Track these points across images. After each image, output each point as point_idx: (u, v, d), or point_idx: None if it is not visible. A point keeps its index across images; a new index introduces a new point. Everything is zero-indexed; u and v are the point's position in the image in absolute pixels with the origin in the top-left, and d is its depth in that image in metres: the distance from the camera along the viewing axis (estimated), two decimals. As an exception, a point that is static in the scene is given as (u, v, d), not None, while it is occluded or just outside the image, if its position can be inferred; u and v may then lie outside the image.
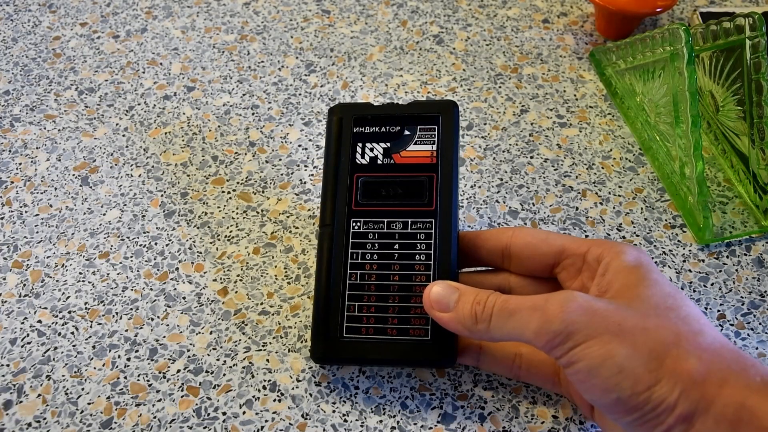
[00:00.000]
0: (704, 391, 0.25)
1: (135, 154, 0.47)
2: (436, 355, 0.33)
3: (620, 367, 0.26)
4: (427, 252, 0.35)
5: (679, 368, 0.26)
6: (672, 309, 0.28)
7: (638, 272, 0.29)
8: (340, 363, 0.36)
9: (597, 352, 0.26)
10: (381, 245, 0.35)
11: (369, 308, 0.34)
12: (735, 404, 0.25)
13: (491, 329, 0.30)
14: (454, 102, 0.38)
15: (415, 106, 0.38)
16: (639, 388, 0.26)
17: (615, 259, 0.30)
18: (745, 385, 0.25)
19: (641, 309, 0.28)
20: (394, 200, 0.36)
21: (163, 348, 0.38)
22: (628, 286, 0.29)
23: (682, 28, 0.40)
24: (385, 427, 0.35)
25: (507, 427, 0.35)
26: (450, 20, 0.57)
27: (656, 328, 0.27)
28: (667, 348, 0.26)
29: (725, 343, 0.27)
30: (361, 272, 0.35)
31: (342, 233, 0.36)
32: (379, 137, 0.38)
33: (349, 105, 0.40)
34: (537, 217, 0.44)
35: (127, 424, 0.35)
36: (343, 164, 0.37)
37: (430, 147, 0.37)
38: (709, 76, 0.46)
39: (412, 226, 0.35)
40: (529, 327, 0.28)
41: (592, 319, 0.27)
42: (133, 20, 0.57)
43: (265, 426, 0.35)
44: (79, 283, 0.41)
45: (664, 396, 0.25)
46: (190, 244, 0.42)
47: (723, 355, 0.26)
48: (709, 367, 0.26)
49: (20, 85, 0.52)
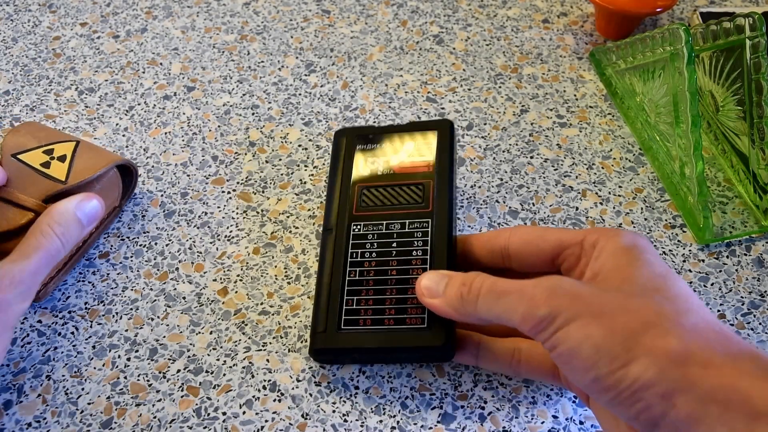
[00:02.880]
0: (685, 371, 0.25)
1: (135, 154, 0.47)
2: (432, 340, 0.34)
3: (597, 347, 0.26)
4: (424, 248, 0.36)
5: (656, 346, 0.25)
6: (659, 289, 0.28)
7: (631, 253, 0.29)
8: (338, 355, 0.36)
9: (576, 334, 0.27)
10: (380, 244, 0.37)
11: (367, 301, 0.35)
12: (724, 386, 0.24)
13: (479, 310, 0.30)
14: (449, 121, 0.42)
15: (412, 126, 0.42)
16: (614, 366, 0.26)
17: (609, 242, 0.30)
18: (733, 367, 0.25)
19: (628, 290, 0.28)
20: (392, 204, 0.38)
21: (163, 348, 0.38)
22: (618, 268, 0.29)
23: (682, 28, 0.40)
24: (385, 427, 0.35)
25: (507, 427, 0.35)
26: (450, 20, 0.57)
27: (638, 308, 0.27)
28: (645, 327, 0.26)
29: (713, 324, 0.27)
30: (359, 269, 0.36)
31: (343, 235, 0.38)
32: (379, 152, 0.41)
33: (353, 128, 0.43)
34: (537, 217, 0.44)
35: (127, 424, 0.35)
36: (346, 177, 0.40)
37: (428, 159, 0.40)
38: (709, 76, 0.46)
39: (410, 226, 0.37)
40: (517, 311, 0.28)
41: (574, 303, 0.27)
42: (133, 20, 0.57)
43: (265, 426, 0.35)
44: (79, 283, 0.41)
45: (639, 374, 0.25)
46: (190, 244, 0.42)
47: (707, 336, 0.26)
48: (690, 347, 0.25)
49: (20, 85, 0.52)
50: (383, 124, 0.49)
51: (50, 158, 0.39)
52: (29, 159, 0.39)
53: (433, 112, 0.50)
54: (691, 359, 0.25)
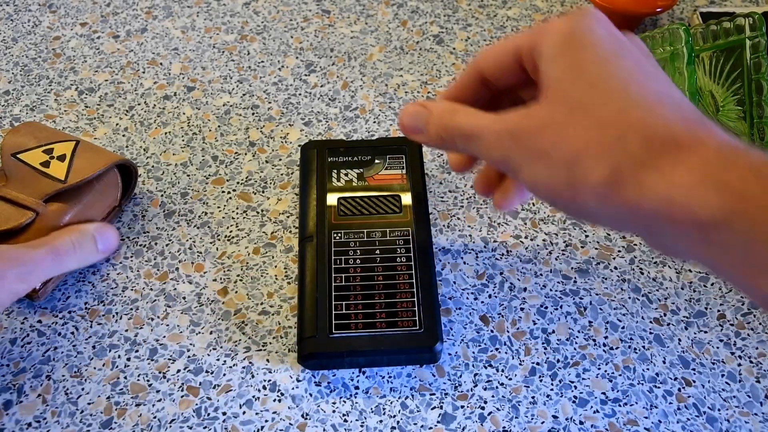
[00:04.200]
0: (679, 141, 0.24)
1: (135, 154, 0.47)
2: (426, 341, 0.35)
3: (547, 186, 0.26)
4: (408, 255, 0.38)
5: (588, 174, 0.25)
6: (600, 91, 0.26)
7: (567, 55, 0.27)
8: (330, 359, 0.36)
9: (527, 178, 0.27)
10: (363, 251, 0.39)
11: (356, 306, 0.36)
12: (721, 145, 0.23)
13: (459, 150, 0.31)
14: None
15: (382, 141, 0.44)
16: (568, 196, 0.25)
17: (545, 46, 0.28)
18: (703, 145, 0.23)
19: (567, 105, 0.26)
20: (371, 214, 0.40)
21: (163, 348, 0.38)
22: (557, 80, 0.27)
23: (682, 28, 0.40)
24: (385, 427, 0.35)
25: (507, 427, 0.35)
26: (450, 20, 0.57)
27: (573, 136, 0.25)
28: (577, 158, 0.25)
29: (675, 104, 0.25)
30: (345, 275, 0.38)
31: (324, 243, 0.39)
32: (352, 164, 0.43)
33: (322, 141, 0.45)
34: (537, 217, 0.44)
35: (127, 424, 0.35)
36: (320, 186, 0.41)
37: (400, 171, 0.42)
38: (709, 76, 0.46)
39: (391, 234, 0.39)
40: (483, 153, 0.29)
41: (516, 145, 0.27)
42: (133, 20, 0.57)
43: (265, 426, 0.35)
44: (79, 283, 0.41)
45: (587, 200, 0.25)
46: (190, 244, 0.42)
47: (645, 127, 0.25)
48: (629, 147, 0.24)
49: (20, 85, 0.52)
50: (381, 125, 0.49)
51: (50, 158, 0.39)
52: (29, 158, 0.39)
53: (433, 112, 0.50)
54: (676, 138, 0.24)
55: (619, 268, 0.42)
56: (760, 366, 0.38)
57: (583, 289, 0.41)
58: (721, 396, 0.37)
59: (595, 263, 0.42)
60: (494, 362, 0.38)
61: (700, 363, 0.38)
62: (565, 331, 0.39)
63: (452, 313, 0.40)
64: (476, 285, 0.41)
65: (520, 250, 0.43)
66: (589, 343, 0.39)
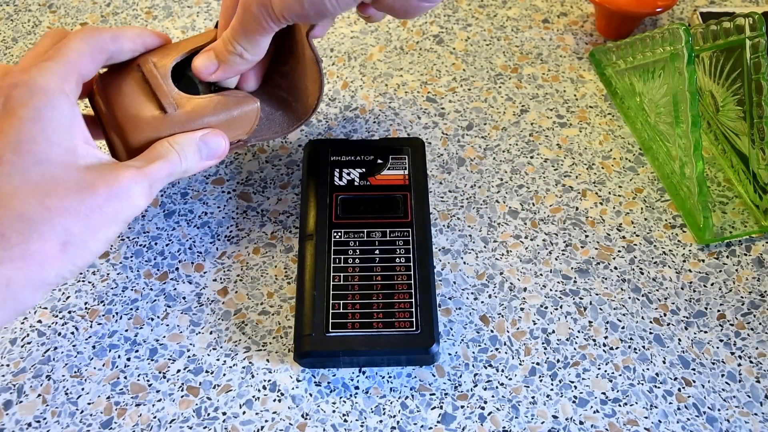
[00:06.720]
0: None
1: (135, 154, 0.47)
2: (422, 343, 0.35)
3: None
4: (407, 256, 0.39)
5: None
6: None
7: None
8: (325, 358, 0.36)
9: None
10: (362, 251, 0.39)
11: (354, 305, 0.37)
12: None
13: (254, 51, 0.36)
14: (421, 140, 0.44)
15: (385, 141, 0.45)
16: None
17: None
18: None
19: None
20: (372, 214, 0.40)
21: (163, 348, 0.38)
22: None
23: (682, 28, 0.40)
24: (385, 427, 0.35)
25: (507, 427, 0.35)
26: (450, 20, 0.57)
27: None
28: None
29: None
30: (344, 274, 0.38)
31: (324, 242, 0.39)
32: (354, 164, 0.43)
33: (325, 140, 0.45)
34: (537, 217, 0.44)
35: (127, 424, 0.35)
36: (322, 185, 0.42)
37: (402, 172, 0.42)
38: (709, 76, 0.46)
39: (391, 235, 0.40)
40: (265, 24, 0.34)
41: None
42: (133, 20, 0.57)
43: (265, 426, 0.35)
44: (79, 283, 0.41)
45: None
46: (190, 244, 0.43)
47: None
48: None
49: (20, 85, 0.52)
50: (381, 125, 0.49)
51: None
52: None
53: (433, 112, 0.50)
54: None
55: (619, 268, 0.42)
56: (760, 366, 0.38)
57: (583, 289, 0.41)
58: (721, 396, 0.37)
59: (595, 263, 0.42)
60: (494, 362, 0.38)
61: (700, 363, 0.38)
62: (565, 331, 0.39)
63: (452, 313, 0.40)
64: (476, 285, 0.41)
65: (520, 250, 0.43)
66: (589, 343, 0.39)
